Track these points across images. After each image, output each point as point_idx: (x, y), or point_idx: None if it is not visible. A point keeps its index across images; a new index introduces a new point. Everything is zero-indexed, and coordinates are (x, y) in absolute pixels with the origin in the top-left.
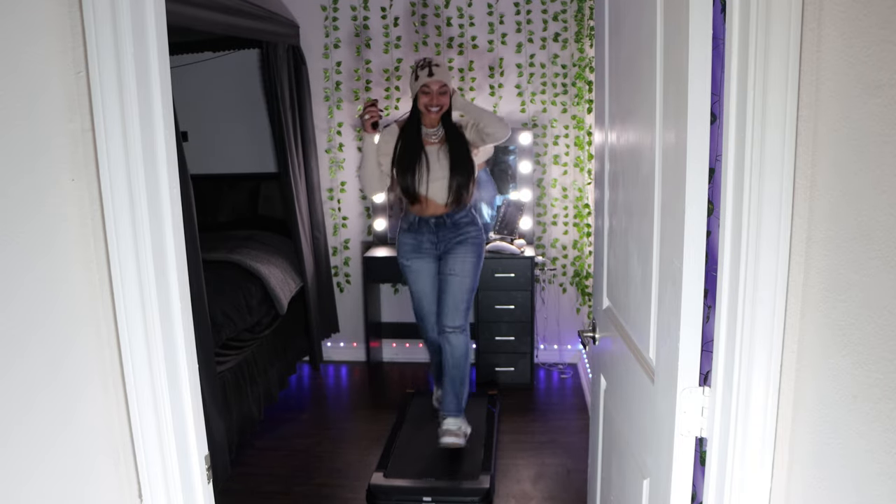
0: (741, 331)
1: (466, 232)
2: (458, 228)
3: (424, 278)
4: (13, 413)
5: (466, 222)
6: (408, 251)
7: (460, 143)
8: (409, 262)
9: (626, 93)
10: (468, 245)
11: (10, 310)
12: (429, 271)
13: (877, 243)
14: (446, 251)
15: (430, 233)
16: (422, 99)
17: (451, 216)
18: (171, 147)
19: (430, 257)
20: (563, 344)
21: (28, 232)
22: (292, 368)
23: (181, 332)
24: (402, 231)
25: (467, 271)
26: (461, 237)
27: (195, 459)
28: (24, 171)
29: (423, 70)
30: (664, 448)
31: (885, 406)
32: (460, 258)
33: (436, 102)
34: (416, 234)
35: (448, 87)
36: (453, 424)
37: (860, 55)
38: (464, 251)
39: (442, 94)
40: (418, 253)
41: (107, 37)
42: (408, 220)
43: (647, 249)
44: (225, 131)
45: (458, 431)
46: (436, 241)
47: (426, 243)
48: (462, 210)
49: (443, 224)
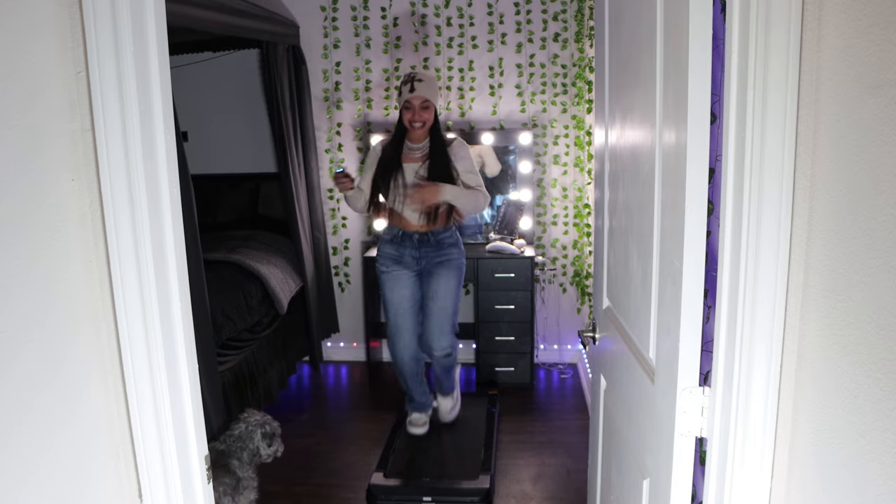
0: (741, 331)
1: (448, 254)
2: (441, 248)
3: (402, 289)
4: (13, 413)
5: (450, 243)
6: (388, 261)
7: (442, 162)
8: (387, 270)
9: (626, 93)
10: (450, 268)
11: (10, 310)
12: (407, 283)
13: (877, 243)
14: (427, 271)
15: (412, 248)
16: (405, 114)
17: (435, 234)
18: (171, 147)
19: (409, 270)
20: (563, 344)
21: (28, 232)
22: (292, 368)
23: (181, 332)
24: (385, 241)
25: (449, 294)
26: (442, 258)
27: (195, 459)
28: (24, 171)
29: (405, 85)
30: (664, 448)
31: (885, 406)
32: (443, 281)
33: (418, 118)
34: (398, 246)
35: (430, 103)
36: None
37: (860, 55)
38: (446, 274)
39: (424, 110)
40: (398, 265)
41: (107, 37)
42: (391, 232)
43: (647, 249)
44: (225, 131)
45: (453, 407)
46: (417, 256)
47: (407, 257)
48: (446, 230)
49: (426, 241)
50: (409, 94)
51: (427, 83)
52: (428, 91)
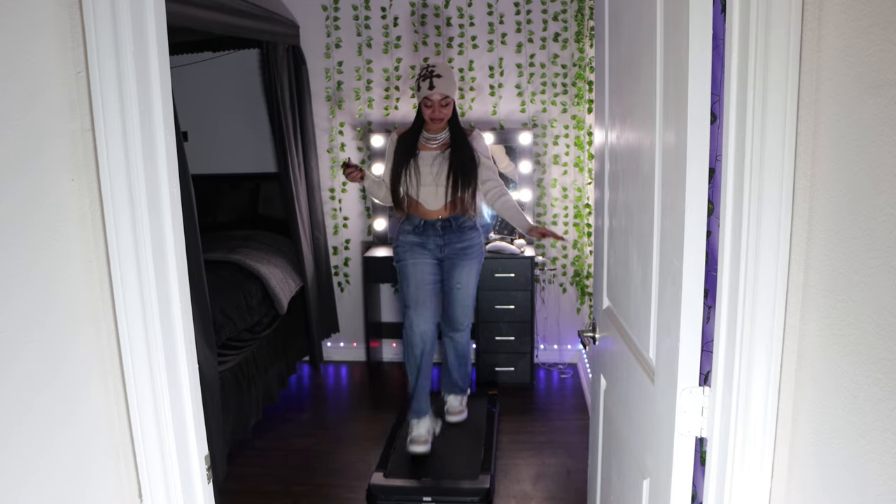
0: (741, 331)
1: (469, 238)
2: (463, 233)
3: (424, 273)
4: (13, 413)
5: (469, 226)
6: (412, 248)
7: (462, 151)
8: (411, 257)
9: (627, 93)
10: (472, 258)
11: (10, 310)
12: (430, 269)
13: (877, 243)
14: (450, 259)
15: (436, 235)
16: (425, 111)
17: (456, 219)
18: (171, 147)
19: (432, 257)
20: (563, 344)
21: (28, 232)
22: (292, 368)
23: (181, 332)
24: (405, 232)
25: (472, 281)
26: (465, 243)
27: (195, 459)
28: (24, 171)
29: (424, 81)
30: (664, 448)
31: (885, 406)
32: (466, 270)
33: (438, 115)
34: (420, 235)
35: (450, 99)
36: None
37: (860, 55)
38: (469, 263)
39: (444, 106)
40: (423, 250)
41: (107, 37)
42: (412, 223)
43: (647, 249)
44: (225, 131)
45: (461, 411)
46: (441, 243)
47: (431, 244)
48: (464, 214)
49: (449, 227)
50: (429, 90)
51: (446, 79)
52: (448, 87)
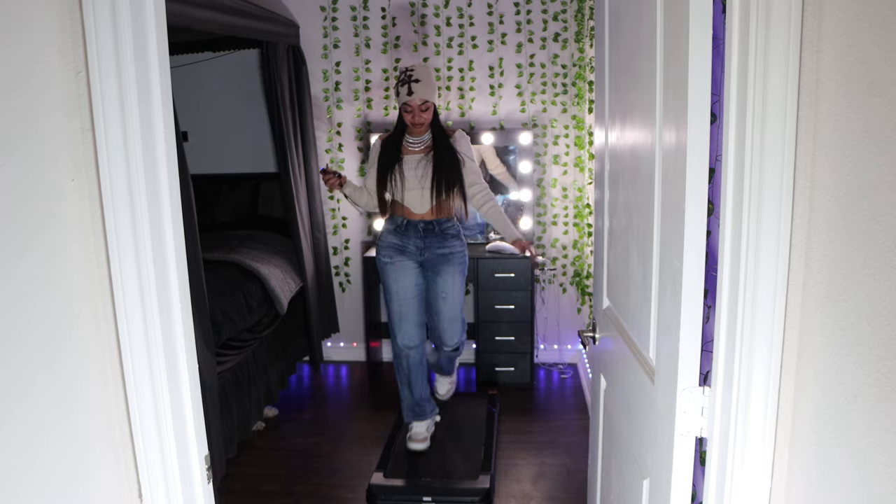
0: (741, 331)
1: (451, 246)
2: (445, 239)
3: (405, 279)
4: (13, 413)
5: (452, 234)
6: (391, 251)
7: (445, 152)
8: (391, 260)
9: (627, 93)
10: (454, 265)
11: (9, 309)
12: (410, 273)
13: (877, 243)
14: (432, 266)
15: (416, 237)
16: (405, 116)
17: (439, 223)
18: (171, 147)
19: (412, 261)
20: (563, 344)
21: (28, 232)
22: (292, 368)
23: (181, 332)
24: (388, 231)
25: (457, 292)
26: (445, 250)
27: (195, 459)
28: (23, 171)
29: (403, 87)
30: (664, 448)
31: (886, 406)
32: (450, 279)
33: (418, 120)
34: (402, 235)
35: (430, 103)
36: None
37: (860, 55)
38: (451, 272)
39: (424, 111)
40: (402, 254)
41: (107, 37)
42: (395, 222)
43: (647, 249)
44: (225, 131)
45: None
46: (422, 246)
47: (411, 247)
48: (448, 220)
49: (431, 230)
50: (408, 96)
51: (424, 83)
52: (426, 92)
